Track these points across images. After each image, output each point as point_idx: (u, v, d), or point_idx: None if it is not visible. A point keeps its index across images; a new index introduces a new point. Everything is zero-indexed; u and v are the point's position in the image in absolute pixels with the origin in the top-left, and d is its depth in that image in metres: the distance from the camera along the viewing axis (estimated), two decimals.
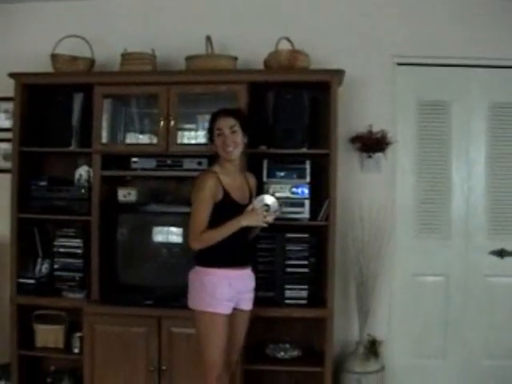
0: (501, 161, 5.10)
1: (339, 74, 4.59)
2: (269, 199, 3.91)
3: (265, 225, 3.89)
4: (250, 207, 3.88)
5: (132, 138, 4.92)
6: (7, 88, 4.85)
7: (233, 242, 3.86)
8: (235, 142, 3.93)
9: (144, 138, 4.89)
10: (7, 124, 5.17)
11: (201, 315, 3.89)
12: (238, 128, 3.95)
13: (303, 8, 5.07)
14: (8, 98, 4.98)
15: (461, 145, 5.11)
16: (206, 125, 4.36)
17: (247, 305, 4.09)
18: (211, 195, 3.83)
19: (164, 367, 4.52)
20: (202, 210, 3.83)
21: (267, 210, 3.86)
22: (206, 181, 3.86)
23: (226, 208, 3.88)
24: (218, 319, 3.85)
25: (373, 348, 4.90)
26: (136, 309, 4.55)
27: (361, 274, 4.85)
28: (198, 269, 3.93)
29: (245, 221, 3.83)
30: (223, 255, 3.88)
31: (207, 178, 3.88)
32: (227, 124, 3.94)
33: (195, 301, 3.92)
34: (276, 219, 4.00)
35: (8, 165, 5.02)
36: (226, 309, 3.88)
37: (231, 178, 3.98)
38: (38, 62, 4.95)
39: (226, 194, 3.89)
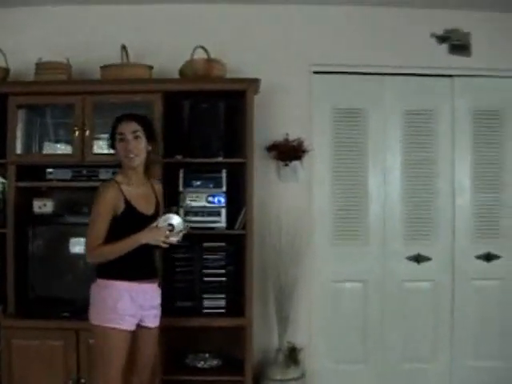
0: (416, 167, 5.19)
1: (255, 82, 4.61)
2: (174, 219, 3.76)
3: (164, 245, 3.75)
4: (154, 224, 3.73)
5: (47, 149, 4.84)
6: None
7: (135, 254, 3.68)
8: (138, 149, 3.77)
9: (59, 149, 4.81)
10: None
11: (100, 330, 3.67)
12: (141, 134, 3.79)
13: (219, 17, 5.07)
14: None
15: (377, 151, 5.18)
16: None
17: (152, 321, 3.87)
18: (111, 207, 3.67)
19: (83, 380, 4.45)
20: (99, 223, 3.67)
21: (171, 230, 3.73)
22: (105, 192, 3.70)
23: (129, 219, 3.72)
24: (119, 335, 3.65)
25: (292, 355, 4.92)
26: (53, 321, 4.47)
27: (279, 282, 4.87)
28: (99, 281, 3.73)
29: (144, 238, 3.68)
30: (124, 267, 3.69)
31: (106, 188, 3.72)
32: (130, 129, 3.78)
33: (95, 315, 3.70)
34: (193, 228, 3.99)
35: None
36: (128, 325, 3.68)
37: (135, 187, 3.81)
38: None
39: (128, 205, 3.72)
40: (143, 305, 3.77)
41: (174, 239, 3.74)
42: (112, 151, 3.90)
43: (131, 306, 3.70)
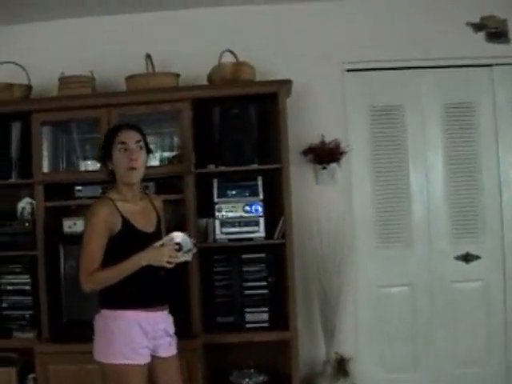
0: (458, 162, 4.99)
1: (286, 84, 4.45)
2: (180, 237, 3.36)
3: (169, 265, 3.32)
4: (159, 243, 3.33)
5: (75, 166, 4.73)
6: None
7: (141, 278, 3.32)
8: (141, 160, 3.43)
9: (87, 165, 4.67)
10: None
11: (111, 369, 3.30)
12: (143, 145, 3.46)
13: (246, 19, 4.92)
14: None
15: (417, 149, 4.99)
16: (152, 147, 4.16)
17: (167, 351, 3.49)
18: (105, 226, 3.31)
19: None
20: (93, 245, 3.29)
21: (179, 250, 3.33)
22: (98, 210, 3.34)
23: (128, 238, 3.36)
24: (134, 371, 3.30)
25: (341, 366, 4.73)
26: (89, 345, 4.27)
27: (323, 291, 4.69)
28: (104, 312, 3.37)
29: (145, 259, 3.27)
30: (131, 294, 3.33)
31: (99, 206, 3.37)
32: (133, 138, 3.42)
33: (102, 351, 3.34)
34: (230, 240, 3.80)
35: None
36: (142, 358, 3.34)
37: (132, 203, 3.45)
38: None
39: (126, 222, 3.36)
40: (155, 335, 3.42)
41: (182, 259, 3.35)
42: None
43: (143, 337, 3.35)
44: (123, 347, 3.28)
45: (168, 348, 3.49)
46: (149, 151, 3.55)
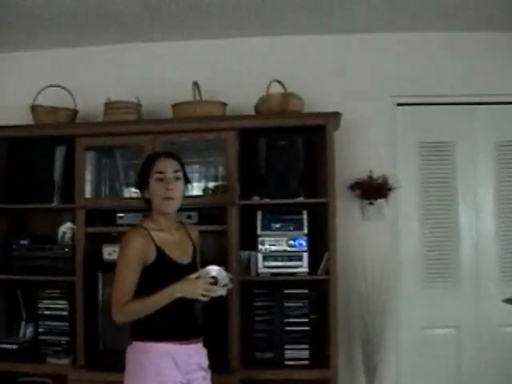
0: (510, 201, 4.84)
1: (335, 116, 4.36)
2: (217, 271, 3.24)
3: (204, 299, 3.19)
4: (195, 275, 3.21)
5: (117, 192, 4.68)
6: None
7: (175, 310, 3.21)
8: (179, 191, 3.34)
9: (130, 192, 4.60)
10: None
11: None
12: (181, 176, 3.36)
13: (295, 49, 4.86)
14: None
15: (467, 187, 4.86)
16: (196, 176, 4.09)
17: None
18: (139, 256, 3.21)
19: None
20: (127, 275, 3.21)
21: (215, 283, 3.20)
22: (132, 239, 3.25)
23: (162, 269, 3.26)
24: None
25: None
26: (123, 374, 4.19)
27: (366, 330, 4.56)
28: (135, 344, 3.27)
29: (180, 291, 3.16)
30: (164, 326, 3.22)
31: (133, 235, 3.27)
32: (171, 167, 3.32)
33: None
34: (273, 274, 3.71)
35: None
36: None
37: (167, 233, 3.36)
38: (18, 115, 4.73)
39: (161, 253, 3.26)
40: (189, 369, 3.28)
41: (217, 293, 3.24)
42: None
43: (175, 371, 3.22)
44: (155, 382, 3.17)
45: (202, 382, 3.37)
46: (187, 181, 3.45)
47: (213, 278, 3.21)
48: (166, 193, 3.28)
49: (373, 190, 4.68)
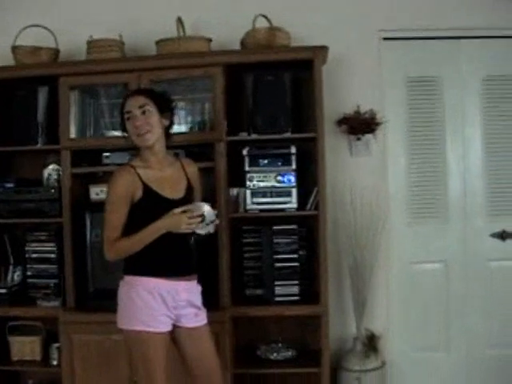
0: (498, 137, 4.81)
1: (322, 50, 4.29)
2: (205, 208, 3.27)
3: (188, 231, 3.27)
4: (179, 210, 3.26)
5: (103, 132, 4.61)
6: None
7: (165, 246, 3.30)
8: (149, 124, 3.34)
9: (115, 131, 4.51)
10: None
11: (133, 336, 3.31)
12: (151, 108, 3.36)
13: None
14: None
15: (455, 122, 4.82)
16: (182, 113, 4.04)
17: (191, 322, 3.44)
18: (125, 194, 3.29)
19: None
20: (114, 213, 3.30)
21: (202, 221, 3.25)
22: (117, 178, 3.33)
23: (150, 206, 3.31)
24: (154, 339, 3.28)
25: (372, 343, 4.62)
26: (114, 315, 4.12)
27: (355, 265, 4.57)
28: (126, 279, 3.37)
29: (163, 225, 3.25)
30: (152, 261, 3.31)
31: (118, 174, 3.35)
32: (136, 104, 3.36)
33: (124, 318, 3.35)
34: (262, 210, 3.75)
35: None
36: (162, 326, 3.31)
37: (156, 169, 3.41)
38: None
39: (148, 189, 3.32)
40: (176, 305, 3.36)
41: (205, 230, 3.29)
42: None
43: (161, 305, 3.31)
44: (143, 314, 3.27)
45: (193, 319, 3.45)
46: (166, 111, 3.45)
47: (200, 215, 3.22)
48: (136, 130, 3.34)
49: (360, 124, 4.64)
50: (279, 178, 4.33)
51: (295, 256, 4.38)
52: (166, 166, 3.47)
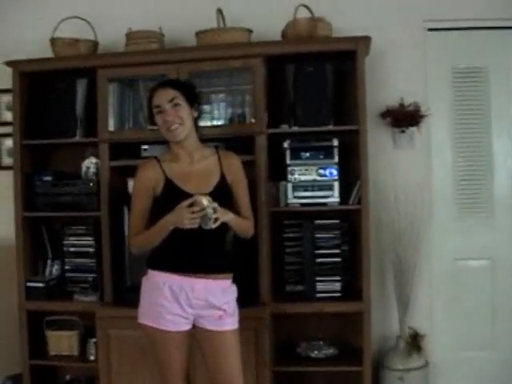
0: None
1: (365, 41, 4.20)
2: (204, 202, 3.06)
3: (193, 226, 3.07)
4: (185, 204, 3.07)
5: (141, 124, 4.55)
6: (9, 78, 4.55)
7: (180, 241, 3.17)
8: (180, 117, 3.23)
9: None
10: (10, 117, 4.78)
11: (145, 330, 3.30)
12: (181, 101, 3.25)
13: None
14: (9, 89, 4.62)
15: (502, 115, 4.69)
16: (221, 105, 3.97)
17: (215, 324, 3.26)
18: (146, 187, 3.26)
19: None
20: (135, 206, 3.28)
21: (205, 216, 3.06)
22: (139, 172, 3.32)
23: (171, 200, 3.16)
24: (160, 337, 3.22)
25: (415, 342, 4.52)
26: None
27: (398, 262, 4.47)
28: (147, 272, 3.35)
29: (168, 220, 3.13)
30: (164, 255, 3.25)
31: (141, 167, 3.34)
32: (166, 97, 3.24)
33: (139, 312, 3.33)
34: (303, 205, 3.74)
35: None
36: (171, 325, 3.20)
37: (185, 163, 3.31)
38: (37, 49, 4.62)
39: (169, 183, 3.24)
40: (191, 304, 3.22)
41: (208, 226, 3.08)
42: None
43: (174, 303, 3.21)
44: (149, 309, 3.26)
45: (214, 322, 3.27)
46: (194, 102, 3.35)
47: (202, 209, 3.06)
48: (166, 124, 3.25)
49: (404, 117, 4.55)
50: (321, 171, 4.24)
51: (337, 251, 4.30)
52: (198, 160, 3.36)
